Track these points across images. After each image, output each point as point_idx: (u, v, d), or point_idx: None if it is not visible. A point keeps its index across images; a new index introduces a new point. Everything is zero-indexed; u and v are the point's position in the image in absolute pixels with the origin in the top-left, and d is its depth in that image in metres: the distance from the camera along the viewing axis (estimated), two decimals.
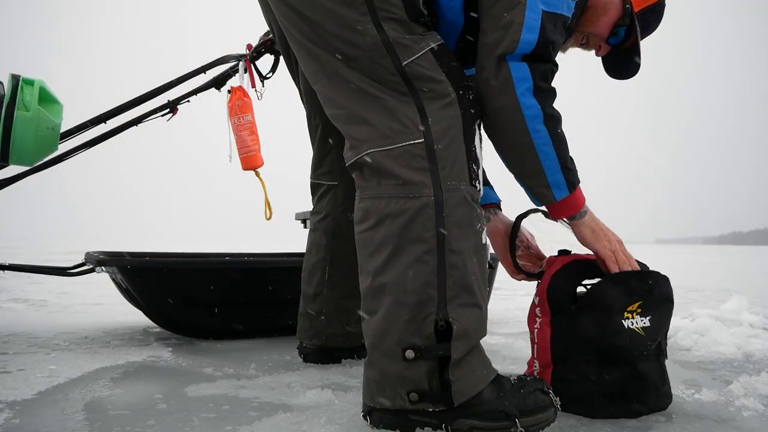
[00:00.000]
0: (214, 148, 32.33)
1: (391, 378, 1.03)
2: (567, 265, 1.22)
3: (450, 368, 1.01)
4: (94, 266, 1.90)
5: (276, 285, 2.03)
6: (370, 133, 1.07)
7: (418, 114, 1.05)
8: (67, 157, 1.99)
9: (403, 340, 1.02)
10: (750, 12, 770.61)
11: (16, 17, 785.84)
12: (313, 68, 1.15)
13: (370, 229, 1.07)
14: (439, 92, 1.07)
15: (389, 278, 1.04)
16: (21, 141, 1.53)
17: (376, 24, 1.05)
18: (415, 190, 1.03)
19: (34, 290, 3.60)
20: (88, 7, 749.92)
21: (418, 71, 1.06)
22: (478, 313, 1.06)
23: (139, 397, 1.26)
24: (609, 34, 1.33)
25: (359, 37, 1.06)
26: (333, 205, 1.61)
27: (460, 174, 1.06)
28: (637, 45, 1.34)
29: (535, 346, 1.24)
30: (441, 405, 1.02)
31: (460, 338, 1.02)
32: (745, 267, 9.64)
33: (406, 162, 1.04)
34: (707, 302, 3.56)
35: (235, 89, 1.84)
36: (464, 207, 1.05)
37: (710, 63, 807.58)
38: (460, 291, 1.03)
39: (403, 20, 1.07)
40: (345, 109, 1.11)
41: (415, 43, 1.07)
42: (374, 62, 1.06)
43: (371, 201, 1.08)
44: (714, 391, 1.35)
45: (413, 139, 1.04)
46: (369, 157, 1.07)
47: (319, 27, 1.09)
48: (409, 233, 1.03)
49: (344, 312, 1.60)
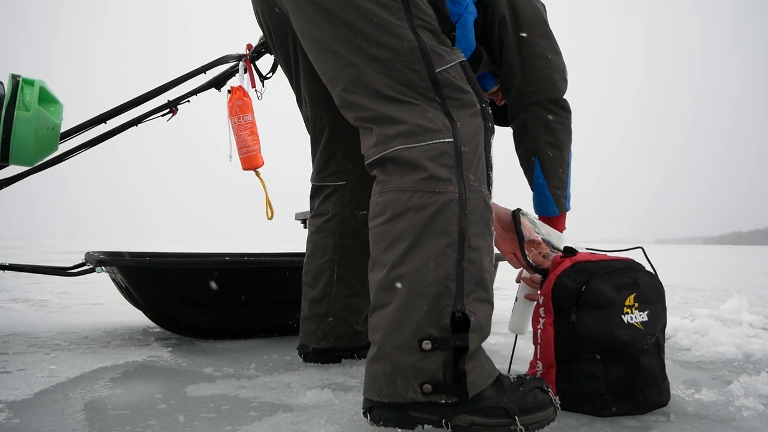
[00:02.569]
0: (215, 148, 32.44)
1: (405, 369, 1.03)
2: (573, 266, 1.23)
3: (467, 359, 1.03)
4: (94, 266, 1.90)
5: (276, 285, 2.03)
6: (400, 130, 1.08)
7: (447, 118, 1.09)
8: (67, 157, 2.00)
9: (420, 330, 1.03)
10: (751, 10, 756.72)
11: (17, 17, 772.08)
12: (333, 71, 1.14)
13: (387, 222, 1.08)
14: (466, 101, 1.11)
15: (408, 269, 1.04)
16: (21, 141, 1.53)
17: (412, 30, 1.08)
18: (441, 185, 1.06)
19: (34, 290, 3.60)
20: (90, 7, 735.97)
21: (449, 80, 1.10)
22: (490, 309, 1.09)
23: (139, 397, 1.26)
24: None
25: (395, 40, 1.08)
26: (341, 205, 1.61)
27: (481, 177, 1.10)
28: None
29: (538, 346, 1.24)
30: (454, 396, 1.02)
31: (476, 330, 1.04)
32: (745, 267, 9.64)
33: (434, 157, 1.07)
34: (707, 302, 3.57)
35: (235, 89, 1.84)
36: (484, 208, 1.09)
37: (711, 62, 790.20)
38: (476, 286, 1.06)
39: (436, 31, 1.12)
40: (372, 111, 1.11)
41: (447, 54, 1.11)
42: (407, 66, 1.08)
43: (392, 194, 1.08)
44: (714, 391, 1.35)
45: (443, 138, 1.07)
46: (397, 153, 1.08)
47: (349, 27, 1.09)
48: (432, 226, 1.05)
49: (353, 311, 1.60)
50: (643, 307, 1.20)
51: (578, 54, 62.00)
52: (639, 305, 1.19)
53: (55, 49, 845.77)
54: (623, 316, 1.17)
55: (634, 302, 1.19)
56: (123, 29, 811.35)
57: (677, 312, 2.53)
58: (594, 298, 1.17)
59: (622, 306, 1.18)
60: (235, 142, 1.82)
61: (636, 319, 1.18)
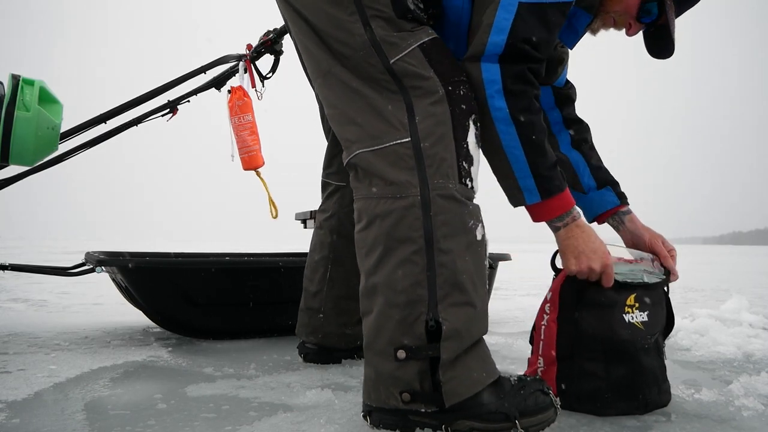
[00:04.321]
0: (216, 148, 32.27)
1: (385, 377, 1.04)
2: None
3: (441, 369, 1.01)
4: (94, 266, 1.90)
5: (276, 285, 2.03)
6: (359, 134, 1.09)
7: (406, 113, 1.06)
8: (67, 157, 2.00)
9: (394, 340, 1.03)
10: (748, 9, 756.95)
11: (20, 17, 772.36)
12: (312, 68, 1.19)
13: (363, 229, 1.09)
14: (427, 89, 1.07)
15: (380, 279, 1.05)
16: (21, 141, 1.53)
17: (364, 23, 1.07)
18: (401, 190, 1.04)
19: (34, 290, 3.60)
20: (93, 7, 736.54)
21: (406, 68, 1.07)
22: (471, 311, 1.04)
23: (139, 397, 1.26)
24: (638, 11, 1.26)
25: (349, 36, 1.09)
26: (340, 205, 1.62)
27: (449, 172, 1.05)
28: (670, 21, 1.27)
29: (541, 342, 1.24)
30: (433, 406, 1.02)
31: (451, 338, 1.01)
32: (745, 267, 9.64)
33: (393, 161, 1.05)
34: (707, 302, 3.57)
35: (235, 89, 1.84)
36: (453, 205, 1.05)
37: (710, 61, 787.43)
38: (451, 290, 1.03)
39: (390, 18, 1.08)
40: (337, 109, 1.13)
41: (402, 41, 1.08)
42: (364, 61, 1.08)
43: (363, 201, 1.09)
44: (714, 391, 1.35)
45: (400, 138, 1.05)
46: (359, 158, 1.09)
47: (314, 28, 1.13)
48: (397, 233, 1.04)
49: (342, 312, 1.60)
50: (644, 308, 1.21)
51: (577, 54, 62.33)
52: (639, 305, 1.20)
53: (58, 48, 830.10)
54: (624, 315, 1.18)
55: (635, 302, 1.20)
56: (126, 29, 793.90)
57: (677, 312, 2.52)
58: (596, 296, 1.18)
59: (623, 305, 1.18)
60: (236, 142, 1.82)
61: (636, 318, 1.19)
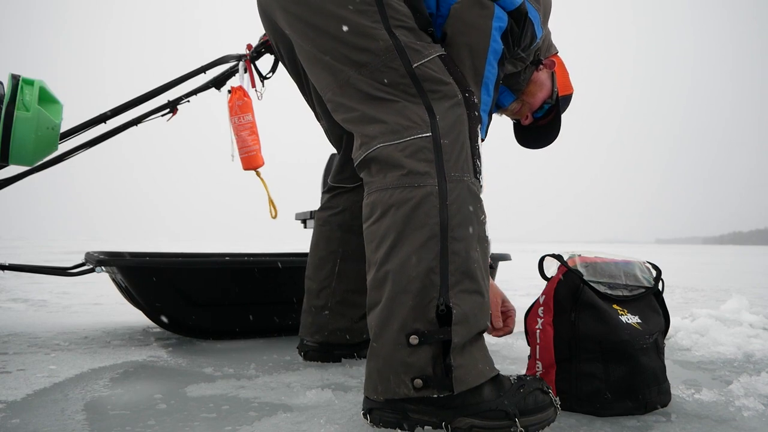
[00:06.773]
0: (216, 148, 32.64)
1: (396, 365, 1.04)
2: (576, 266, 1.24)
3: (452, 353, 1.02)
4: (94, 266, 1.90)
5: (277, 285, 2.03)
6: (381, 130, 1.12)
7: (427, 112, 1.10)
8: (67, 157, 1.99)
9: (407, 325, 1.04)
10: (746, 7, 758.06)
11: (21, 16, 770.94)
12: (324, 79, 1.20)
13: (375, 221, 1.11)
14: (447, 93, 1.12)
15: (393, 266, 1.06)
16: (21, 141, 1.53)
17: (388, 30, 1.12)
18: (419, 179, 1.07)
19: (34, 290, 3.60)
20: (94, 7, 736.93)
21: (428, 73, 1.12)
22: (480, 300, 1.08)
23: (139, 397, 1.26)
24: (538, 108, 1.62)
25: (371, 42, 1.12)
26: (353, 201, 1.63)
27: (464, 166, 1.10)
28: (557, 120, 1.62)
29: (537, 346, 1.24)
30: (445, 390, 1.03)
31: (461, 323, 1.03)
32: (745, 267, 9.64)
33: (412, 153, 1.08)
34: (707, 302, 3.57)
35: (235, 89, 1.84)
36: (468, 197, 1.09)
37: (708, 60, 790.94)
38: (462, 277, 1.05)
39: (413, 28, 1.15)
40: (357, 112, 1.15)
41: (424, 49, 1.14)
42: (386, 65, 1.11)
43: (378, 194, 1.11)
44: (714, 391, 1.35)
45: (421, 132, 1.09)
46: (378, 152, 1.11)
47: (333, 37, 1.14)
48: (412, 221, 1.06)
49: (350, 305, 1.61)
50: (634, 312, 1.22)
51: (575, 53, 62.26)
52: (628, 311, 1.22)
53: (59, 48, 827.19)
54: (620, 316, 1.19)
55: (623, 308, 1.22)
56: (128, 28, 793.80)
57: (677, 312, 2.53)
58: (593, 297, 1.18)
59: (611, 307, 1.20)
60: (236, 142, 1.82)
61: (631, 320, 1.20)
